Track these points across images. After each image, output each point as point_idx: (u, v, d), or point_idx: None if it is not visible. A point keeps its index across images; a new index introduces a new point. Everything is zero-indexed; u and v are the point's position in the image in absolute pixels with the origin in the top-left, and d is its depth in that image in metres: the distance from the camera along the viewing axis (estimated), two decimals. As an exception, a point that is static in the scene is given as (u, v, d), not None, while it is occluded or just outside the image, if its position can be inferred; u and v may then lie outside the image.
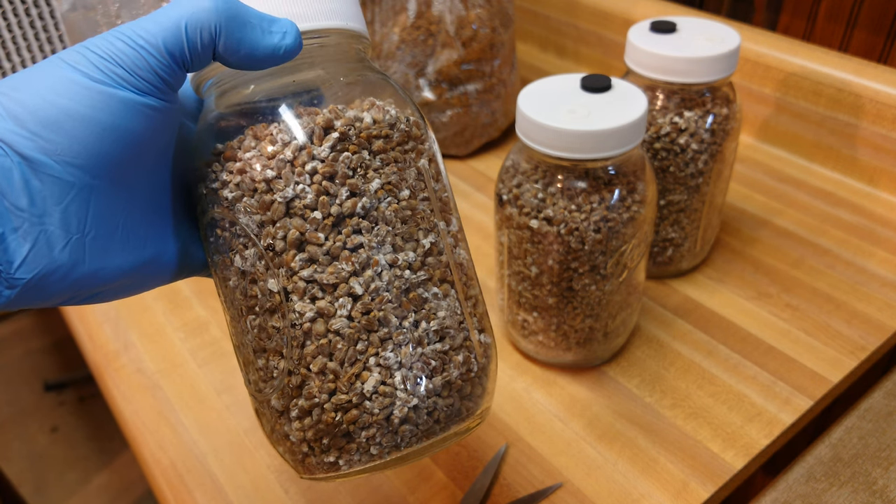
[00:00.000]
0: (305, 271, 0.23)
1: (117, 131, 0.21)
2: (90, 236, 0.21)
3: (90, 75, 0.20)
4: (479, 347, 0.25)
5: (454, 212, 0.27)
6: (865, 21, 0.58)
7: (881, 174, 0.56)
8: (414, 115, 0.26)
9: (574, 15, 0.74)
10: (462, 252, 0.26)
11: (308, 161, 0.23)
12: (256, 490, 0.38)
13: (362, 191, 0.23)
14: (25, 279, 0.20)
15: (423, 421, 0.24)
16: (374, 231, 0.23)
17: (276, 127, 0.23)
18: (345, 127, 0.23)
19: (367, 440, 0.23)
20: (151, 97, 0.21)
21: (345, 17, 0.25)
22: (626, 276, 0.39)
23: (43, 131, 0.20)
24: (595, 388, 0.42)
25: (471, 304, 0.26)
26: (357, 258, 0.23)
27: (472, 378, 0.25)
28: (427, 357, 0.24)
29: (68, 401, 1.20)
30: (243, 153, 0.24)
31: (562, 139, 0.34)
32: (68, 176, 0.20)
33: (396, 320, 0.23)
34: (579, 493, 0.36)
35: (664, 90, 0.43)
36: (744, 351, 0.44)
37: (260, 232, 0.23)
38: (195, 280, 0.52)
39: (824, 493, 0.37)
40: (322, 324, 0.23)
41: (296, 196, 0.23)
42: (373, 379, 0.23)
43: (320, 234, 0.23)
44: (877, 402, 0.42)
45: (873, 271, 0.49)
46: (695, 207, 0.46)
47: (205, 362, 0.45)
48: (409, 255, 0.24)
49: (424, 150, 0.25)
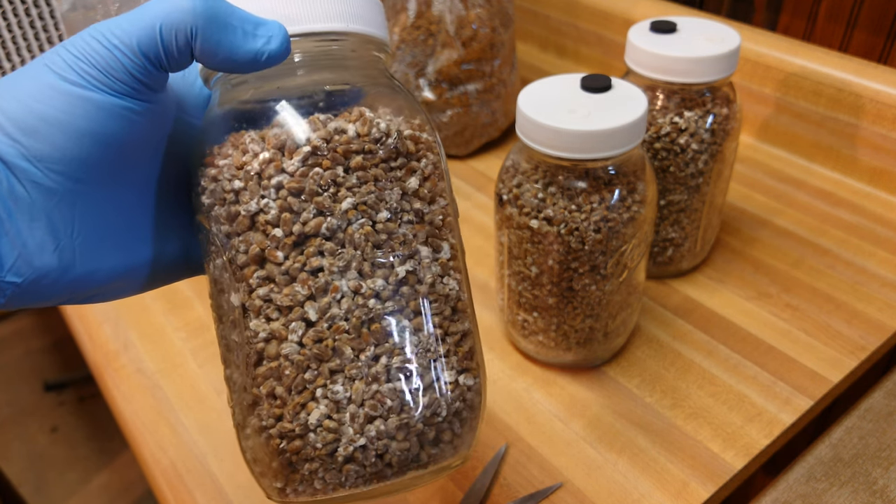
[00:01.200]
0: (262, 289, 0.22)
1: (96, 136, 0.20)
2: (79, 240, 0.21)
3: (65, 77, 0.20)
4: (452, 389, 0.23)
5: (450, 237, 0.25)
6: (865, 21, 0.58)
7: (881, 174, 0.56)
8: (417, 129, 0.24)
9: (574, 15, 0.74)
10: (450, 282, 0.24)
11: (275, 175, 0.22)
12: (256, 490, 0.38)
13: (330, 210, 0.22)
14: (16, 283, 0.20)
15: (372, 463, 0.22)
16: (338, 255, 0.22)
17: (249, 136, 0.22)
18: (319, 140, 0.22)
19: (309, 473, 0.22)
20: (129, 98, 0.20)
21: (362, 21, 0.23)
22: (626, 276, 0.39)
23: (23, 138, 0.19)
24: (595, 388, 0.42)
25: (453, 340, 0.24)
26: (315, 282, 0.22)
27: (439, 423, 0.23)
28: (383, 395, 0.22)
29: (68, 401, 1.20)
30: (220, 160, 0.23)
31: (562, 139, 0.34)
32: (51, 182, 0.20)
33: (352, 352, 0.22)
34: (579, 493, 0.36)
35: (664, 90, 0.43)
36: (744, 351, 0.44)
37: (226, 243, 0.22)
38: (195, 280, 0.52)
39: (824, 493, 0.37)
40: (275, 346, 0.22)
41: (260, 210, 0.22)
42: (317, 411, 0.21)
43: (279, 253, 0.22)
44: (877, 402, 0.42)
45: (873, 271, 0.49)
46: (695, 207, 0.46)
47: (205, 362, 0.45)
48: (377, 282, 0.22)
49: (418, 169, 0.24)
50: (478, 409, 0.24)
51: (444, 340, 0.23)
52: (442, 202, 0.24)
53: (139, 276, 0.24)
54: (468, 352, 0.24)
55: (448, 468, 0.24)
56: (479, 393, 0.24)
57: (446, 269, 0.24)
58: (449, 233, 0.24)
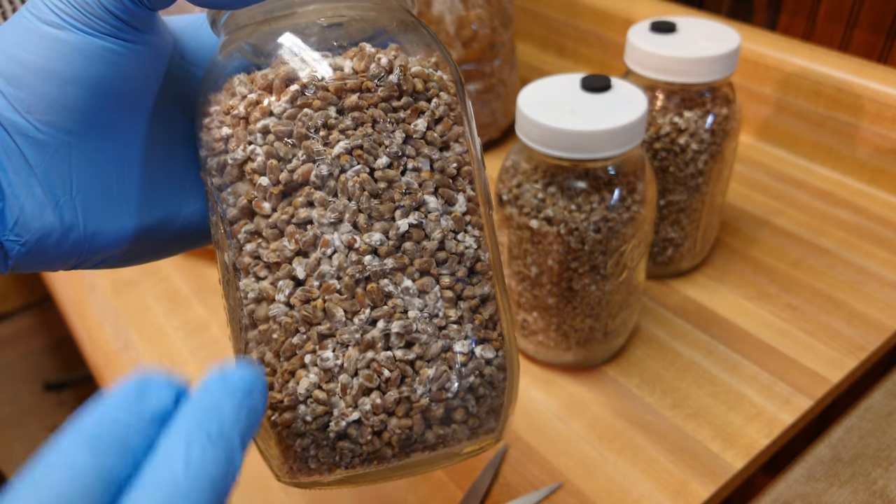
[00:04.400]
0: (250, 245, 0.20)
1: (80, 81, 0.19)
2: (80, 198, 0.20)
3: (43, 18, 0.18)
4: (465, 362, 0.20)
5: (468, 189, 0.21)
6: (865, 21, 0.58)
7: (881, 174, 0.56)
8: (431, 66, 0.21)
9: (574, 15, 0.74)
10: (466, 239, 0.21)
11: (262, 118, 0.20)
12: (256, 490, 0.38)
13: (321, 155, 0.19)
14: (20, 242, 0.19)
15: (368, 441, 0.19)
16: (329, 205, 0.19)
17: (238, 78, 0.20)
18: (307, 78, 0.20)
19: (301, 450, 0.20)
20: (111, 38, 0.19)
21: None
22: (626, 276, 0.39)
23: (7, 88, 0.18)
24: (595, 388, 0.42)
25: (468, 305, 0.21)
26: (302, 235, 0.19)
27: (449, 399, 0.20)
28: (379, 364, 0.19)
29: (68, 401, 1.20)
30: (213, 107, 0.21)
31: (562, 139, 0.34)
32: (41, 135, 0.19)
33: (344, 315, 0.19)
34: (579, 493, 0.36)
35: (664, 90, 0.43)
36: (744, 351, 0.44)
37: (217, 197, 0.21)
38: (195, 279, 0.52)
39: (824, 493, 0.37)
40: (264, 307, 0.20)
41: (247, 158, 0.20)
42: (306, 380, 0.19)
43: (265, 204, 0.20)
44: (877, 402, 0.42)
45: (873, 271, 0.49)
46: (695, 207, 0.46)
47: (205, 362, 0.45)
48: (374, 237, 0.19)
49: (427, 110, 0.21)
50: (501, 387, 0.21)
51: (456, 305, 0.20)
52: (458, 148, 0.21)
53: (157, 238, 0.22)
54: (488, 320, 0.21)
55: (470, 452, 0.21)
56: (502, 368, 0.21)
57: (461, 224, 0.21)
58: (468, 184, 0.22)
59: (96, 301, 0.51)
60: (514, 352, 0.22)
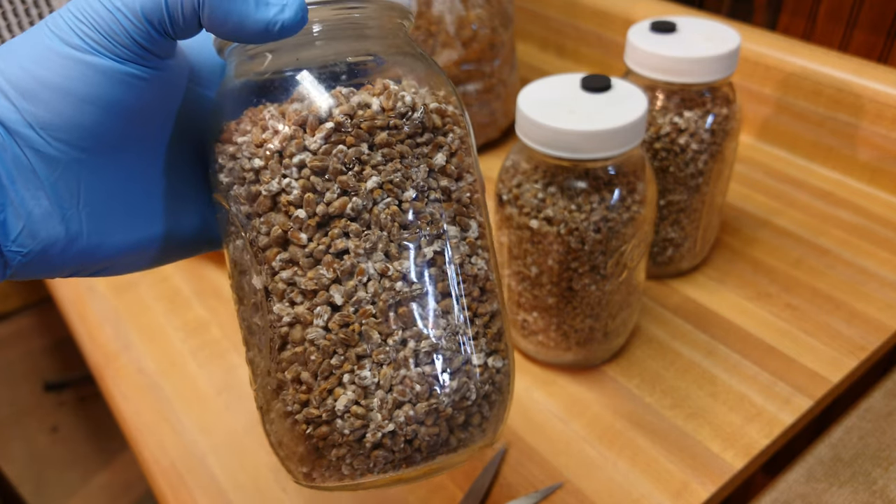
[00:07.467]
0: (285, 272, 0.21)
1: (98, 102, 0.19)
2: (86, 211, 0.20)
3: (66, 40, 0.19)
4: (482, 372, 0.22)
5: (478, 215, 0.23)
6: (865, 21, 0.58)
7: (881, 174, 0.56)
8: (443, 101, 0.23)
9: (574, 15, 0.74)
10: (478, 262, 0.23)
11: (297, 153, 0.21)
12: (256, 490, 0.38)
13: (355, 189, 0.21)
14: (22, 253, 0.19)
15: (401, 449, 0.21)
16: (364, 236, 0.21)
17: (269, 111, 0.21)
18: (342, 116, 0.21)
19: (336, 459, 0.22)
20: (133, 65, 0.19)
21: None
22: (626, 276, 0.39)
23: (24, 103, 0.19)
24: (595, 388, 0.42)
25: (482, 321, 0.23)
26: (340, 265, 0.21)
27: (468, 407, 0.22)
28: (411, 380, 0.21)
29: (68, 401, 1.20)
30: (238, 136, 0.22)
31: (562, 139, 0.34)
32: (53, 151, 0.19)
33: (379, 337, 0.21)
34: (579, 493, 0.36)
35: (664, 90, 0.43)
36: (744, 351, 0.44)
37: (247, 224, 0.22)
38: (195, 280, 0.52)
39: (824, 493, 0.37)
40: (299, 331, 0.21)
41: (281, 190, 0.21)
42: (345, 397, 0.21)
43: (303, 235, 0.21)
44: (877, 402, 0.42)
45: (873, 271, 0.49)
46: (695, 207, 0.46)
47: (205, 362, 0.45)
48: (404, 264, 0.21)
49: (445, 144, 0.22)
50: (506, 391, 0.24)
51: (472, 322, 0.22)
52: (469, 178, 0.23)
53: (151, 250, 0.23)
54: (497, 333, 0.23)
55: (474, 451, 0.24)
56: (507, 375, 0.23)
57: (474, 248, 0.23)
58: (477, 210, 0.23)
59: (96, 301, 0.51)
60: (513, 358, 0.24)
